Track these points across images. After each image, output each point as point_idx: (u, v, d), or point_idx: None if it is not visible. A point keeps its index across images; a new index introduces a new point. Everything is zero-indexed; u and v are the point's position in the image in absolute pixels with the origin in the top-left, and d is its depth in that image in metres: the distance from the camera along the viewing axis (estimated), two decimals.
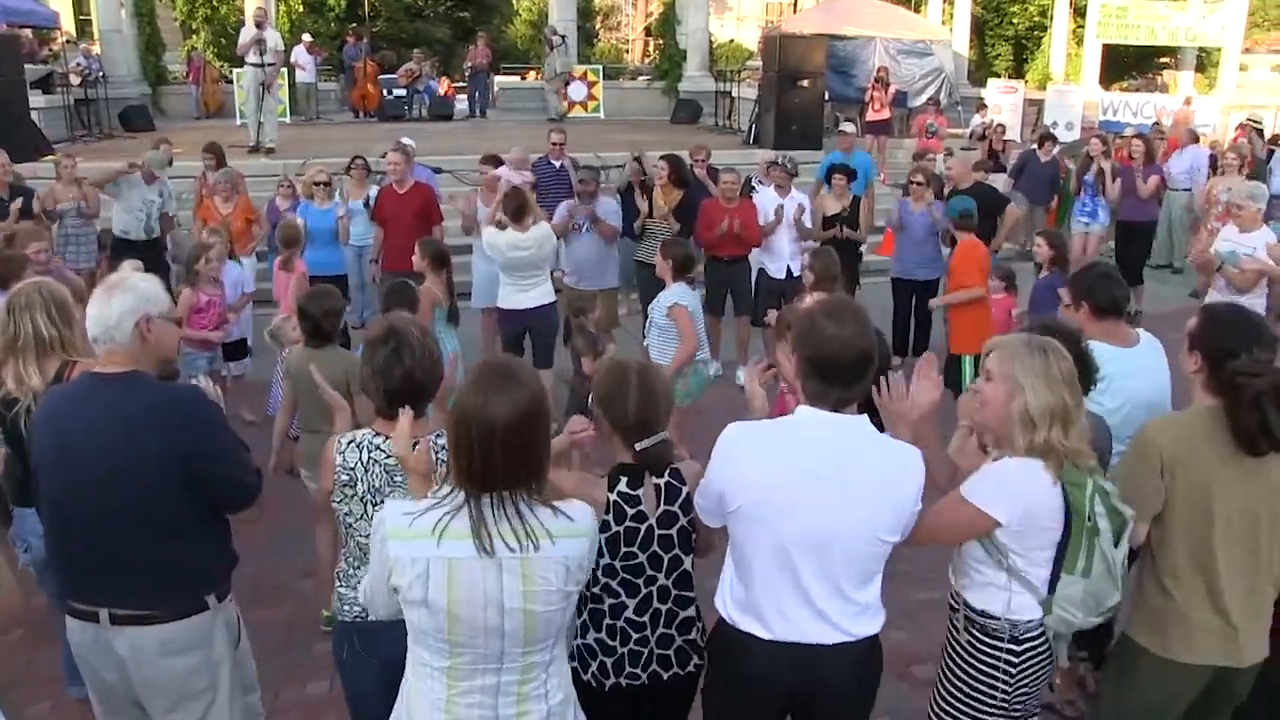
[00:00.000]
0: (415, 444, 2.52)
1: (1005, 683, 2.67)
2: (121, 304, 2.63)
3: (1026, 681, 2.70)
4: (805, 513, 2.36)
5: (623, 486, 2.66)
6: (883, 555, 2.47)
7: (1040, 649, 2.67)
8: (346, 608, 2.84)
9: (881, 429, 2.58)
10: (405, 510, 2.13)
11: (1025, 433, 2.54)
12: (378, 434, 2.74)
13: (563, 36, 18.24)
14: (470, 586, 2.06)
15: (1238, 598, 2.71)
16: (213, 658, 2.77)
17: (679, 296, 5.71)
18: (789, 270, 8.09)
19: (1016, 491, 2.52)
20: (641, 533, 2.65)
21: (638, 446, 2.68)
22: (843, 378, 2.38)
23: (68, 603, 2.74)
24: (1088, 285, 3.83)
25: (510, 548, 2.05)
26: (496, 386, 2.08)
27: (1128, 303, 3.90)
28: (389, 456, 2.70)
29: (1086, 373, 3.07)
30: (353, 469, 2.72)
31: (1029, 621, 2.63)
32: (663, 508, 2.67)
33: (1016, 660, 2.65)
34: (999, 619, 2.64)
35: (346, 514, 2.79)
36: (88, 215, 8.53)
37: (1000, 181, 11.83)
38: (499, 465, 2.06)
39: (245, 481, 2.76)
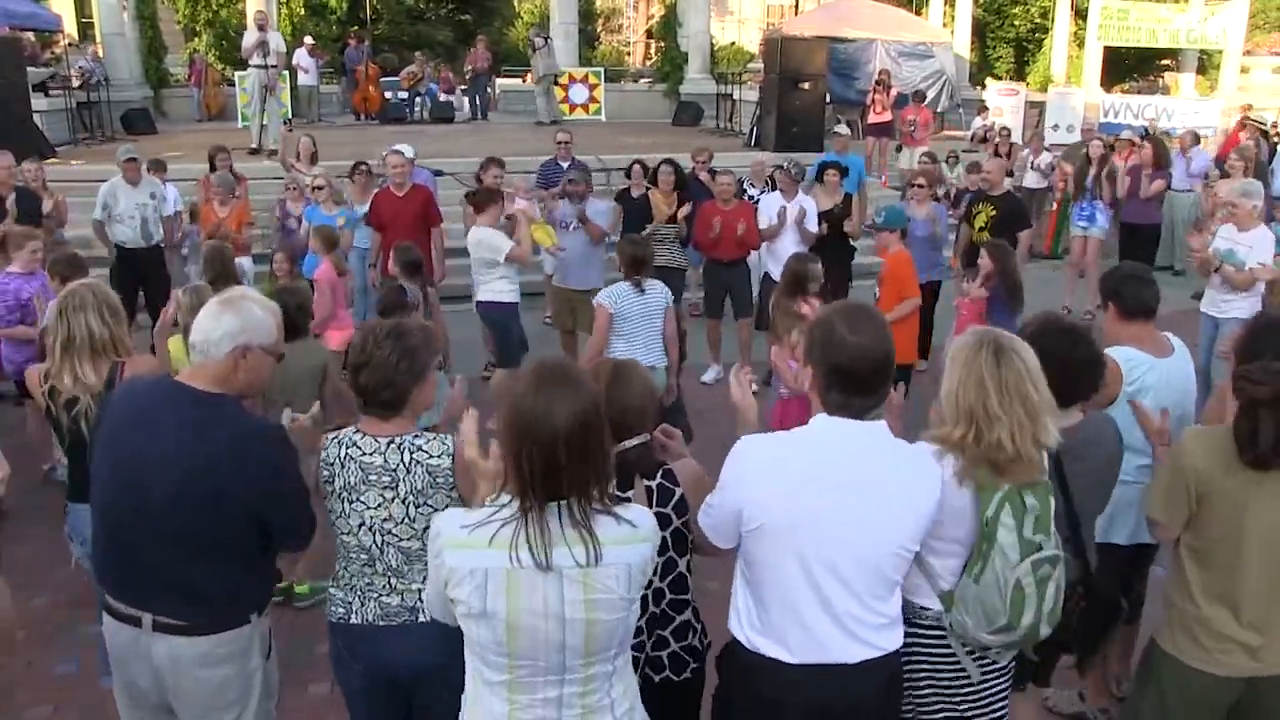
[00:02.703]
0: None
1: None
2: (227, 324, 2.62)
3: (919, 678, 2.58)
4: (831, 527, 2.29)
5: (610, 489, 2.64)
6: (906, 565, 2.42)
7: (935, 644, 2.56)
8: (332, 608, 2.85)
9: None
10: (463, 523, 2.08)
11: (938, 421, 2.49)
12: (358, 430, 2.75)
13: (546, 38, 18.04)
14: (530, 597, 2.01)
15: (1265, 612, 2.67)
16: (248, 670, 2.77)
17: (604, 294, 5.60)
18: None
19: None
20: None
21: (615, 449, 2.66)
22: (865, 387, 2.31)
23: (108, 602, 2.75)
24: (1114, 285, 3.67)
25: (573, 562, 2.01)
26: (556, 390, 2.02)
27: (1158, 304, 3.67)
28: (365, 454, 2.69)
29: (1094, 377, 2.97)
30: (331, 465, 2.72)
31: (924, 608, 2.55)
32: (655, 510, 2.62)
33: (907, 644, 2.55)
34: (907, 598, 2.59)
35: (329, 510, 2.79)
36: (58, 223, 8.24)
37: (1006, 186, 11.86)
38: (564, 473, 2.00)
39: (301, 531, 2.78)
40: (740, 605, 2.45)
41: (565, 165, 9.44)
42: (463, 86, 21.26)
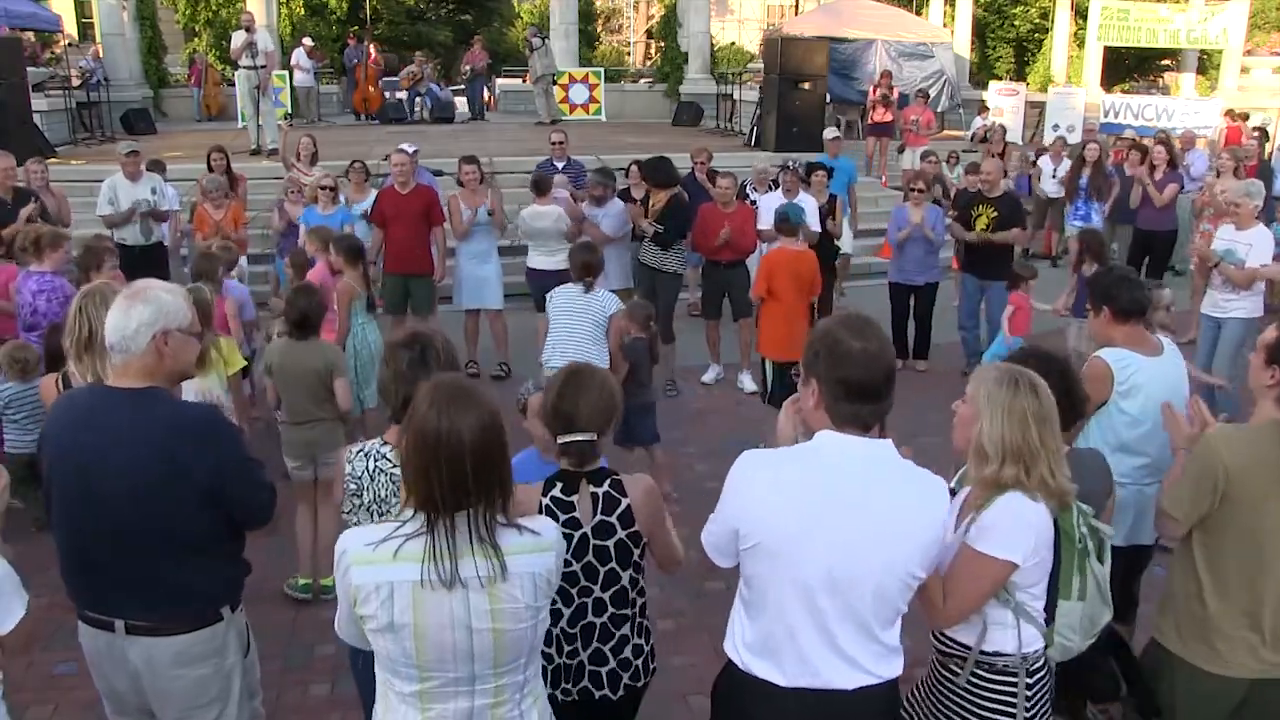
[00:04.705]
0: None
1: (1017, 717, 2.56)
2: (140, 315, 2.58)
3: (1035, 714, 2.56)
4: (832, 547, 2.19)
5: (556, 492, 2.62)
6: (911, 592, 2.31)
7: (1045, 680, 2.57)
8: None
9: None
10: (367, 540, 2.08)
11: (978, 463, 2.46)
12: (385, 443, 2.73)
13: (543, 38, 17.99)
14: (437, 609, 2.02)
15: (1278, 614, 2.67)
16: (225, 667, 2.77)
17: (557, 292, 6.00)
18: None
19: (1025, 529, 2.41)
20: (575, 541, 2.60)
21: (559, 440, 2.67)
22: (873, 396, 2.23)
23: (81, 610, 2.73)
24: (1107, 288, 3.75)
25: (478, 573, 2.02)
26: (456, 405, 2.03)
27: (1149, 304, 3.80)
28: (395, 465, 2.68)
29: (1075, 403, 2.94)
30: (360, 478, 2.71)
31: (1035, 653, 2.53)
32: (599, 518, 2.62)
33: (1031, 695, 2.51)
34: (1012, 655, 2.49)
35: (355, 525, 2.78)
36: (62, 223, 7.99)
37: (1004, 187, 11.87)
38: (470, 486, 2.01)
39: (261, 501, 2.77)
40: (736, 624, 2.39)
41: (560, 165, 9.47)
42: (454, 87, 21.18)
